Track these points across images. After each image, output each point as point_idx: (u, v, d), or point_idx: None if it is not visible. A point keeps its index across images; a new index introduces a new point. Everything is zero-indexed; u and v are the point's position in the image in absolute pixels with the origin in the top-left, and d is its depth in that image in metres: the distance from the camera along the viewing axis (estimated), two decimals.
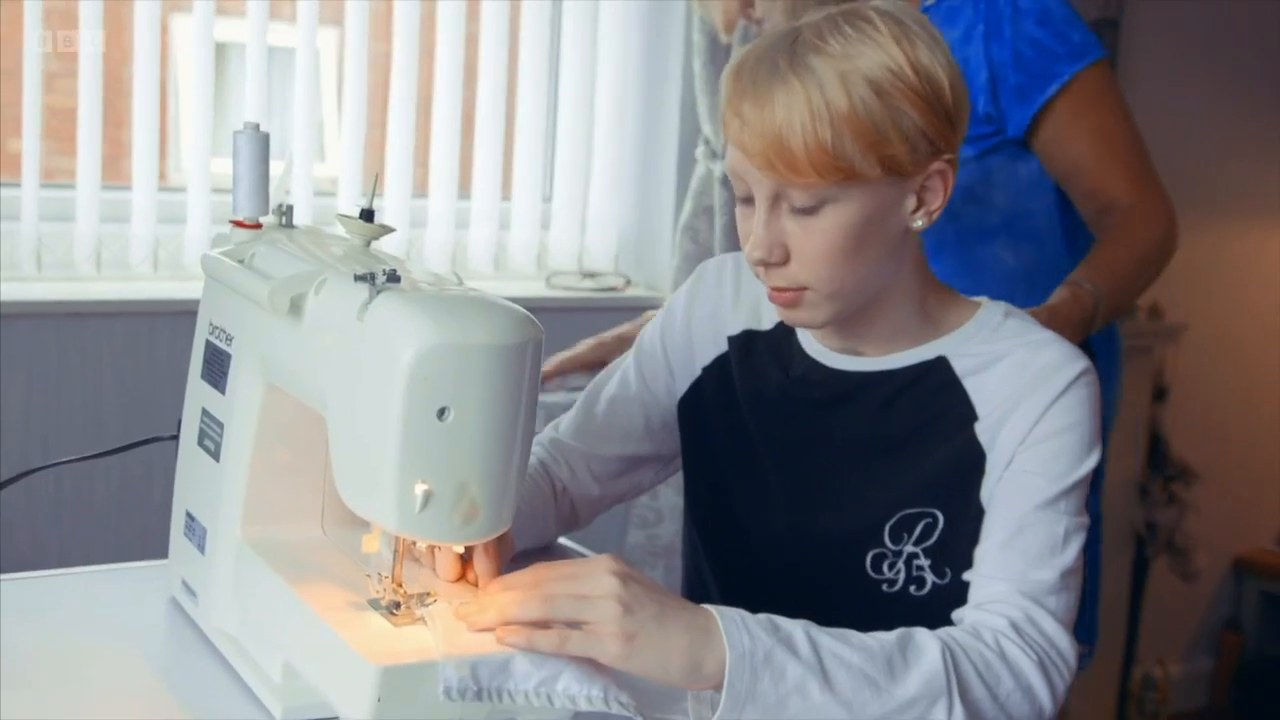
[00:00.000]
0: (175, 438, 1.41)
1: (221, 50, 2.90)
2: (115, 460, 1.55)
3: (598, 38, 3.04)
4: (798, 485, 1.47)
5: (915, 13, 1.35)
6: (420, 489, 1.08)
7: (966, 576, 1.35)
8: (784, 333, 1.50)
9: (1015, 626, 1.28)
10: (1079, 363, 1.37)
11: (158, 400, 2.50)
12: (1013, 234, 1.89)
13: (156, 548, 1.45)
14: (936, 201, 1.36)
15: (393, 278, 1.11)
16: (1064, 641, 1.29)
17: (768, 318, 1.52)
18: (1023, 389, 1.36)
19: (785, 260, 1.34)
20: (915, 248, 1.41)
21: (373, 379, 1.08)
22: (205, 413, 1.34)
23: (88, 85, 2.56)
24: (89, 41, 2.55)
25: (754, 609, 1.21)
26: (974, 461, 1.37)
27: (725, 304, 1.55)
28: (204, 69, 2.67)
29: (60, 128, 2.69)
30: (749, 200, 1.35)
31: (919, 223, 1.36)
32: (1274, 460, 4.48)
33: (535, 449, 1.56)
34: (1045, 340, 1.40)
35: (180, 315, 2.46)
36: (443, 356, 1.06)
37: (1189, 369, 4.12)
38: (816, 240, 1.32)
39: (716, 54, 2.88)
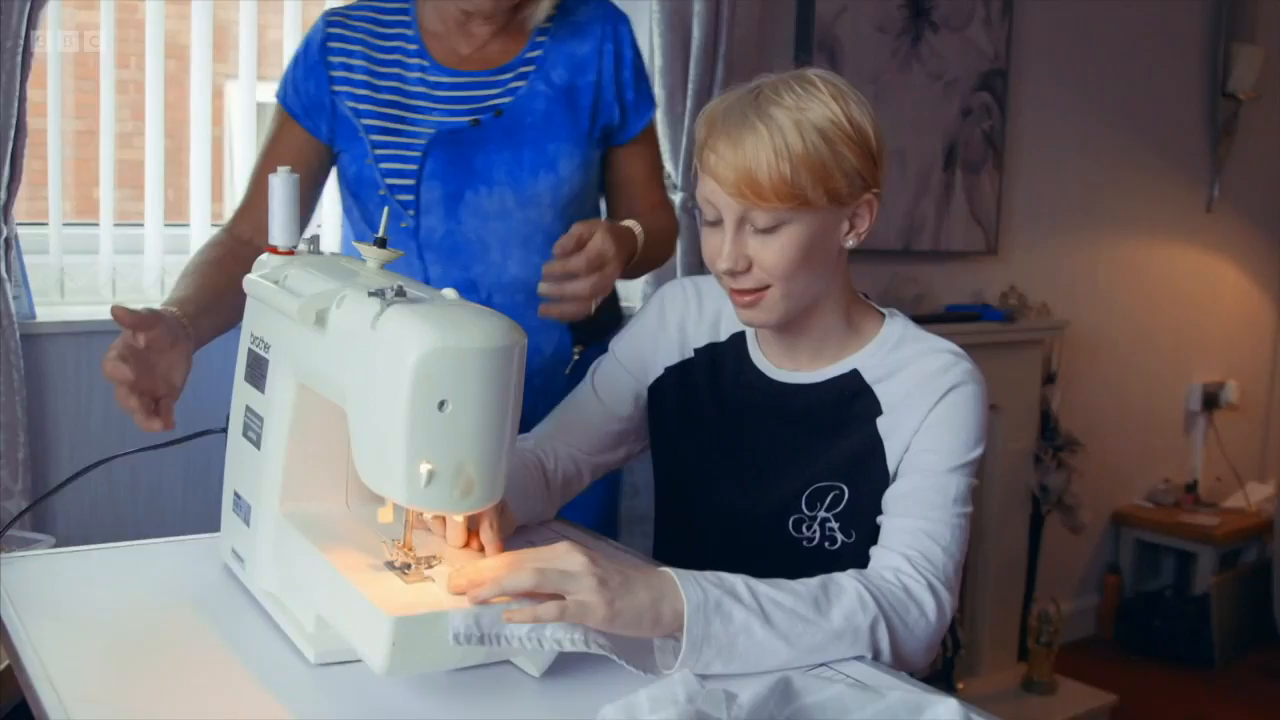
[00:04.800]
0: (224, 430, 1.40)
1: (265, 110, 2.89)
2: (180, 451, 1.54)
3: None
4: (739, 465, 1.53)
5: (844, 79, 1.40)
6: (425, 468, 1.07)
7: (877, 521, 1.41)
8: (738, 346, 1.55)
9: (910, 561, 1.33)
10: (961, 365, 1.43)
11: (211, 400, 2.50)
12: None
13: (215, 523, 1.45)
14: (864, 225, 1.41)
15: (400, 293, 1.10)
16: (950, 569, 1.35)
17: (725, 331, 1.57)
18: (916, 389, 1.43)
19: (748, 269, 1.38)
20: (845, 268, 1.46)
21: (384, 377, 1.07)
22: (248, 409, 1.33)
23: (153, 142, 2.56)
24: (154, 105, 2.54)
25: (702, 563, 1.24)
26: (873, 446, 1.43)
27: (690, 319, 1.60)
28: (248, 125, 2.66)
29: (132, 177, 2.69)
30: (717, 223, 1.39)
31: (850, 243, 1.42)
32: (1143, 430, 4.52)
33: (526, 442, 1.58)
34: (934, 349, 1.46)
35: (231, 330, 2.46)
36: (441, 358, 1.05)
37: (1073, 357, 4.14)
38: (775, 252, 1.36)
39: (674, 103, 2.88)
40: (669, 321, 1.61)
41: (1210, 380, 4.69)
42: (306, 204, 1.81)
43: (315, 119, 1.83)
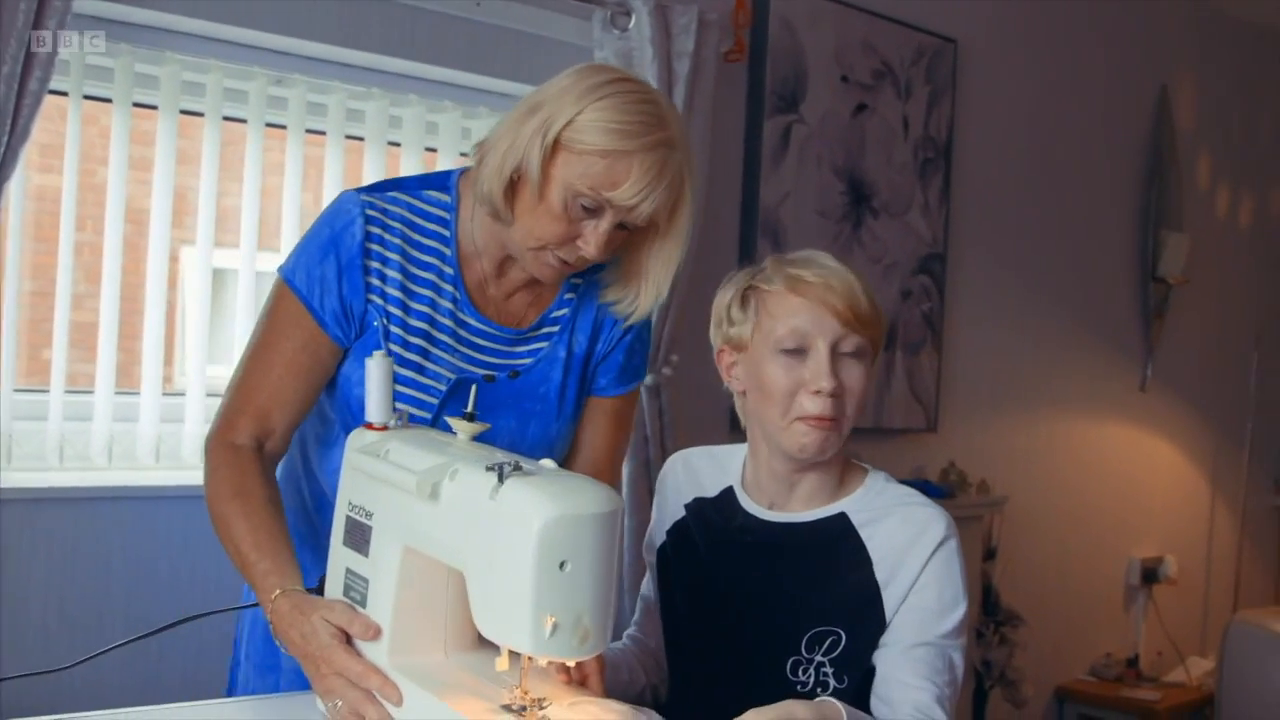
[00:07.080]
0: (315, 590, 1.55)
1: (220, 276, 2.99)
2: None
3: None
4: (737, 605, 1.69)
5: None
6: (550, 621, 1.25)
7: (882, 670, 1.58)
8: (726, 496, 1.76)
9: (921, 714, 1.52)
10: (944, 517, 1.64)
11: (167, 572, 2.59)
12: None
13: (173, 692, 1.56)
14: (871, 386, 1.67)
15: (516, 467, 1.30)
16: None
17: (712, 488, 1.78)
18: (906, 541, 1.61)
19: (841, 392, 1.61)
20: None
21: (507, 543, 1.26)
22: (349, 571, 1.49)
23: (108, 305, 2.65)
24: (111, 268, 2.63)
25: (700, 706, 1.44)
26: (872, 595, 1.61)
27: (682, 484, 1.81)
28: (204, 291, 2.75)
29: (83, 339, 2.74)
30: (800, 351, 1.62)
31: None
32: (1084, 604, 4.72)
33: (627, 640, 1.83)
34: (913, 500, 1.67)
35: (177, 499, 2.58)
36: (562, 524, 1.25)
37: (1013, 532, 4.36)
38: (858, 378, 1.62)
39: None
40: (665, 494, 1.82)
41: (1148, 555, 4.95)
42: (310, 401, 1.73)
43: (345, 328, 1.69)
